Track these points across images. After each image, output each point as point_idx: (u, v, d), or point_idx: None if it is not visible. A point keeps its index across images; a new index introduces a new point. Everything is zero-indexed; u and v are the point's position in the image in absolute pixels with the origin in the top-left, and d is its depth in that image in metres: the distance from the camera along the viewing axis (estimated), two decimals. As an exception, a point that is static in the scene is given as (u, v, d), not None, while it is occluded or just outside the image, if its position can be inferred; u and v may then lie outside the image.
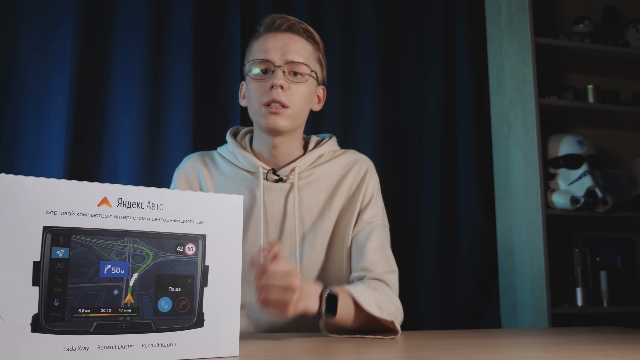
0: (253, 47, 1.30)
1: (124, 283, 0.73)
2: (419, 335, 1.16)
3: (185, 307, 0.77)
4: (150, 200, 0.76)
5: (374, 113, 2.26)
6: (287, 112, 1.24)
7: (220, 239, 0.81)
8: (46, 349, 0.67)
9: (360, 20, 2.30)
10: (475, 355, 0.85)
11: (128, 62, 1.99)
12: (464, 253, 2.31)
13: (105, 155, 1.96)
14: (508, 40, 2.35)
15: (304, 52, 1.28)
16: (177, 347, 0.75)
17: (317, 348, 0.92)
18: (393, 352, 0.88)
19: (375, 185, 1.35)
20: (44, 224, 0.69)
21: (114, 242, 0.73)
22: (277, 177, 1.30)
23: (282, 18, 1.28)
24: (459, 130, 2.38)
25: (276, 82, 1.22)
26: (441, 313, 2.26)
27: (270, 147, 1.30)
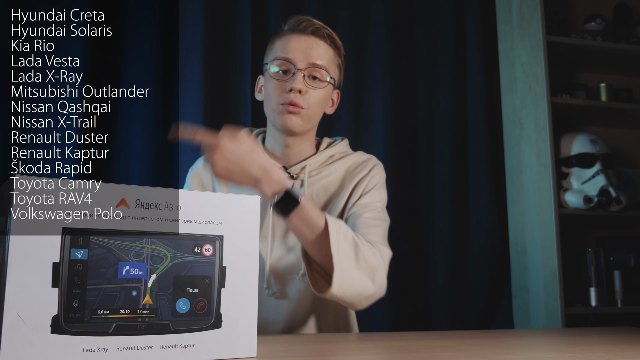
0: (275, 45, 1.31)
1: (143, 284, 0.73)
2: (433, 335, 1.16)
3: (203, 308, 0.77)
4: (168, 201, 0.75)
5: (385, 113, 2.25)
6: (303, 113, 1.26)
7: (237, 240, 0.80)
8: (66, 350, 0.67)
9: (371, 21, 2.30)
10: (494, 356, 0.85)
11: (139, 63, 1.99)
12: (475, 253, 2.30)
13: (116, 157, 1.96)
14: (519, 39, 2.34)
15: (326, 57, 1.29)
16: (195, 348, 0.75)
17: (334, 349, 0.92)
18: (409, 353, 0.87)
19: (380, 178, 1.35)
20: (62, 226, 0.69)
21: (132, 243, 0.73)
22: (288, 174, 1.31)
23: (307, 21, 1.30)
24: (470, 129, 2.38)
25: (295, 86, 1.24)
26: (453, 313, 2.25)
27: (282, 145, 1.32)
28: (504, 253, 2.36)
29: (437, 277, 2.25)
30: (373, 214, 1.26)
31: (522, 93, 2.32)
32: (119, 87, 1.98)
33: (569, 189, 2.24)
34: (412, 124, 2.33)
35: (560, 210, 2.16)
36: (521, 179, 2.31)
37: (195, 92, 2.03)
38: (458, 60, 2.41)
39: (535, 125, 2.23)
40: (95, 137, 1.91)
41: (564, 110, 2.33)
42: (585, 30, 2.46)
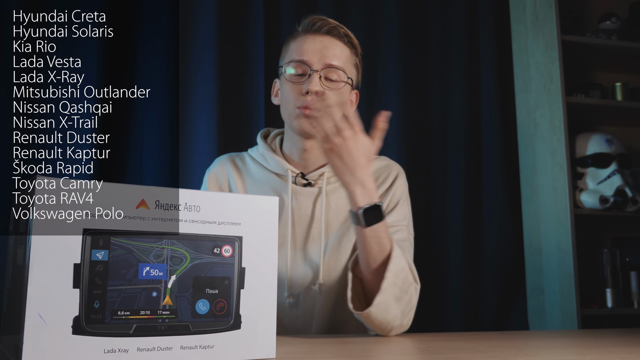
0: (290, 47, 1.28)
1: (163, 285, 0.73)
2: (451, 337, 1.15)
3: (222, 309, 0.77)
4: (187, 202, 0.75)
5: (398, 114, 2.25)
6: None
7: (256, 241, 0.80)
8: (87, 351, 0.68)
9: (383, 21, 2.29)
10: (514, 358, 0.84)
11: (152, 63, 2.00)
12: (489, 253, 2.29)
13: (130, 158, 1.97)
14: (534, 38, 2.33)
15: (342, 57, 1.25)
16: (215, 350, 0.75)
17: (354, 350, 0.92)
18: (429, 354, 0.87)
19: (403, 191, 1.33)
20: (83, 226, 0.69)
21: (152, 244, 0.73)
22: (306, 181, 1.29)
23: (322, 20, 1.26)
24: (484, 129, 2.36)
25: (312, 88, 1.20)
26: (467, 314, 2.24)
27: (301, 150, 1.29)
28: (518, 254, 2.35)
29: (451, 278, 2.24)
30: (399, 235, 1.24)
31: (536, 93, 2.30)
32: (132, 84, 2.00)
33: (585, 189, 2.22)
34: (425, 125, 2.32)
35: (576, 210, 2.15)
36: (536, 179, 2.29)
37: (209, 93, 2.03)
38: (471, 60, 2.40)
39: (550, 125, 2.22)
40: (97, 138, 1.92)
41: (579, 110, 2.31)
42: (600, 29, 2.44)
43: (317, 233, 1.26)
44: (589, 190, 2.21)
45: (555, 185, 2.18)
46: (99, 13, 1.76)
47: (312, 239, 1.26)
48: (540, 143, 2.27)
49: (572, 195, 2.15)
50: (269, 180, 1.31)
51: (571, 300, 2.07)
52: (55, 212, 0.68)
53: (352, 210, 1.09)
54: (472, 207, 2.31)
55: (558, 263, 2.14)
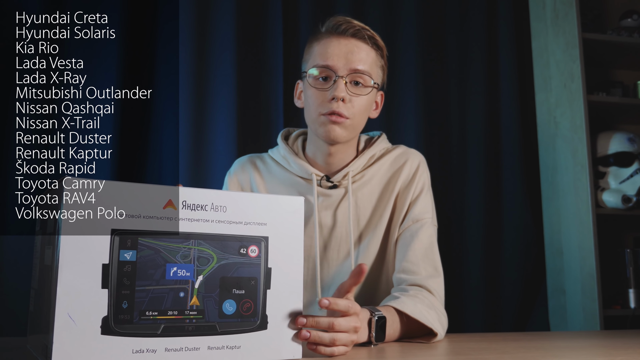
0: (314, 50, 1.24)
1: (190, 285, 0.73)
2: (475, 337, 1.14)
3: (249, 309, 0.77)
4: (214, 203, 0.75)
5: (417, 114, 2.23)
6: (347, 123, 1.20)
7: (282, 241, 0.80)
8: (116, 351, 0.68)
9: (402, 21, 2.28)
10: (542, 359, 0.83)
11: (172, 65, 2.00)
12: (509, 254, 2.27)
13: (150, 158, 1.98)
14: (554, 37, 2.30)
15: (368, 60, 1.22)
16: (242, 350, 0.75)
17: (379, 352, 0.91)
18: (457, 355, 0.86)
19: (425, 179, 1.32)
20: (111, 227, 0.69)
21: (180, 244, 0.73)
22: (331, 183, 1.28)
23: (347, 22, 1.21)
24: (503, 129, 2.35)
25: (337, 94, 1.17)
26: (487, 315, 2.22)
27: (325, 154, 1.26)
28: (538, 254, 2.32)
29: (470, 279, 2.22)
30: (423, 234, 1.23)
31: (557, 91, 2.28)
32: (152, 87, 2.00)
33: (607, 189, 2.20)
34: (444, 125, 2.30)
35: (598, 210, 2.12)
36: (556, 178, 2.27)
37: (228, 94, 2.03)
38: (490, 59, 2.38)
39: (571, 124, 2.20)
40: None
41: (600, 109, 2.28)
42: (621, 26, 2.41)
43: (344, 234, 1.25)
44: (611, 189, 2.18)
45: (576, 185, 2.16)
46: (101, 14, 1.76)
47: (341, 239, 1.26)
48: (561, 142, 2.25)
49: (594, 195, 2.12)
50: (292, 183, 1.29)
51: (593, 301, 2.04)
52: (84, 212, 0.68)
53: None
54: (492, 207, 2.29)
55: (580, 263, 2.12)
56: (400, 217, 1.25)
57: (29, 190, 1.73)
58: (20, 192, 1.74)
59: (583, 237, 2.11)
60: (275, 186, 1.30)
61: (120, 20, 1.94)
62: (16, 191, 0.85)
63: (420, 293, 1.13)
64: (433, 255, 1.23)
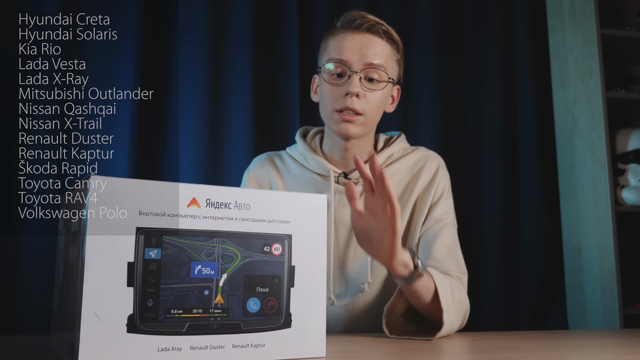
0: (329, 45, 1.25)
1: (214, 283, 0.73)
2: (497, 336, 1.13)
3: (273, 307, 0.76)
4: (238, 200, 0.75)
5: (433, 112, 2.22)
6: (361, 120, 1.20)
7: (305, 239, 0.80)
8: (141, 349, 0.68)
9: (418, 19, 2.27)
10: (568, 357, 0.82)
11: (188, 65, 2.01)
12: (527, 252, 2.26)
13: (167, 157, 1.98)
14: (572, 33, 2.28)
15: (383, 55, 1.22)
16: (266, 348, 0.75)
17: (403, 349, 0.90)
18: (480, 354, 0.85)
19: (446, 182, 1.32)
20: (136, 225, 0.69)
21: (204, 242, 0.73)
22: (348, 180, 1.27)
23: (361, 17, 1.22)
24: (520, 126, 2.33)
25: (352, 90, 1.18)
26: (504, 313, 2.21)
27: (342, 149, 1.27)
28: (556, 252, 2.31)
29: (488, 277, 2.21)
30: (445, 233, 1.23)
31: (574, 88, 2.26)
32: (169, 86, 2.01)
33: (626, 186, 2.17)
34: (461, 123, 2.29)
35: (617, 207, 2.10)
36: (575, 176, 2.25)
37: (244, 91, 2.03)
38: (507, 57, 2.36)
39: (590, 121, 2.17)
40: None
41: (619, 105, 2.26)
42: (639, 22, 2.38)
43: None
44: (631, 186, 2.16)
45: (595, 182, 2.14)
46: (104, 16, 1.77)
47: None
48: (579, 139, 2.23)
49: (613, 192, 2.10)
50: (310, 180, 1.30)
51: (613, 299, 2.02)
52: (109, 210, 0.68)
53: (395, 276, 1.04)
54: (509, 205, 2.27)
55: (599, 261, 2.10)
56: (420, 219, 1.26)
57: (32, 190, 1.73)
58: (24, 192, 1.75)
59: (602, 235, 2.09)
60: (293, 183, 1.30)
61: (136, 19, 1.95)
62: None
63: (449, 277, 1.14)
64: (456, 254, 1.23)
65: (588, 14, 2.20)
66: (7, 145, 1.81)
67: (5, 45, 1.84)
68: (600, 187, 2.11)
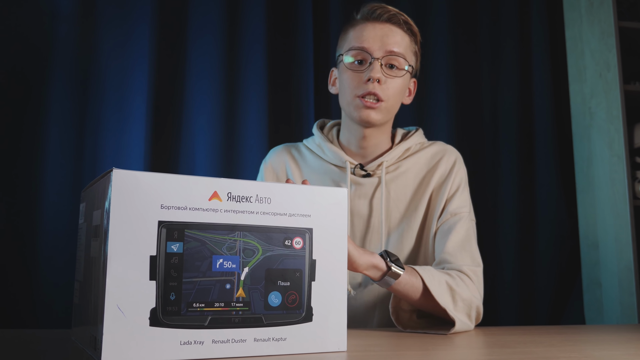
0: (349, 35, 1.26)
1: (236, 277, 0.73)
2: (517, 330, 1.13)
3: (294, 301, 0.76)
4: (259, 194, 0.75)
5: (449, 105, 2.21)
6: (382, 106, 1.22)
7: (326, 233, 0.79)
8: (164, 342, 0.68)
9: (433, 11, 2.26)
10: (591, 352, 0.81)
11: (203, 60, 2.01)
12: (543, 247, 2.24)
13: (183, 152, 1.98)
14: (589, 26, 2.26)
15: (403, 44, 1.24)
16: (288, 342, 0.75)
17: (423, 344, 0.90)
18: (503, 348, 0.85)
19: (462, 176, 1.31)
20: (158, 219, 0.69)
21: (225, 236, 0.72)
22: (365, 172, 1.28)
23: (381, 8, 1.24)
24: (536, 120, 2.31)
25: (373, 75, 1.19)
26: (520, 308, 2.20)
27: (359, 138, 1.27)
28: (573, 247, 2.29)
29: (504, 272, 2.20)
30: (460, 227, 1.22)
31: (592, 81, 2.24)
32: (184, 81, 2.01)
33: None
34: (476, 116, 2.27)
35: (636, 202, 2.08)
36: (592, 170, 2.23)
37: (259, 86, 2.03)
38: (523, 50, 2.34)
39: (607, 115, 2.15)
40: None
41: (636, 98, 2.23)
42: (658, 14, 2.36)
43: (377, 223, 1.25)
44: (649, 181, 2.14)
45: (612, 177, 2.12)
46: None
47: (373, 229, 1.26)
48: (596, 133, 2.21)
49: (631, 187, 2.08)
50: (327, 171, 1.30)
51: (631, 294, 2.01)
52: (131, 204, 0.68)
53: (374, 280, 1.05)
54: (526, 199, 2.26)
55: (616, 256, 2.08)
56: (436, 212, 1.25)
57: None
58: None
59: (620, 230, 2.07)
60: (310, 174, 1.31)
61: (151, 14, 1.95)
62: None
63: (457, 274, 1.13)
64: (471, 247, 1.22)
65: (606, 6, 2.17)
66: (27, 141, 1.82)
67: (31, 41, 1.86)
68: (618, 181, 2.09)
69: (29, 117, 1.84)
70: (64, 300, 1.77)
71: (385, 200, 1.26)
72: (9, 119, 1.81)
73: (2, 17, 1.83)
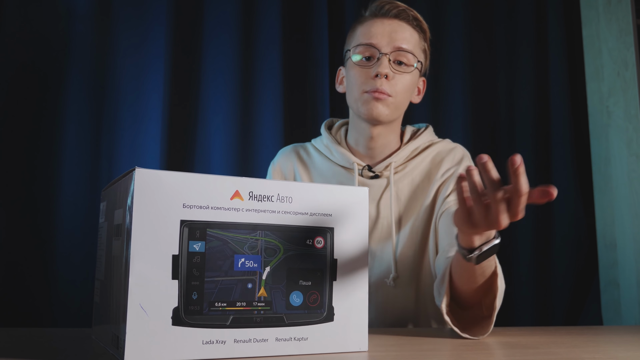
0: (357, 32, 1.25)
1: (257, 277, 0.72)
2: (538, 331, 1.12)
3: (315, 301, 0.76)
4: (280, 193, 0.75)
5: (464, 104, 2.20)
6: (390, 100, 1.20)
7: (347, 232, 0.79)
8: (186, 342, 0.68)
9: (448, 9, 2.24)
10: (615, 353, 0.80)
11: (218, 59, 2.01)
12: (560, 247, 2.22)
13: (198, 151, 1.99)
14: (606, 24, 2.24)
15: (412, 40, 1.22)
16: (309, 342, 0.74)
17: (445, 344, 0.89)
18: (526, 349, 0.84)
19: None
20: (181, 218, 0.69)
21: (247, 235, 0.72)
22: (373, 173, 1.27)
23: (390, 3, 1.23)
24: (553, 119, 2.29)
25: (381, 70, 1.17)
26: (537, 309, 2.18)
27: (367, 137, 1.26)
28: (590, 247, 2.27)
29: (520, 272, 2.18)
30: None
31: (609, 80, 2.22)
32: (200, 81, 2.01)
33: (663, 180, 2.13)
34: (492, 115, 2.26)
35: (654, 201, 2.06)
36: (609, 169, 2.21)
37: (274, 85, 2.03)
38: (539, 49, 2.32)
39: (625, 113, 2.13)
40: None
41: (655, 97, 2.21)
42: (676, 12, 2.33)
43: (386, 224, 1.24)
44: (668, 180, 2.12)
45: (631, 176, 2.10)
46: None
47: (382, 230, 1.24)
48: (614, 132, 2.19)
49: (650, 186, 2.06)
50: (334, 173, 1.29)
51: (650, 295, 1.99)
52: (153, 203, 0.68)
53: (462, 247, 0.90)
54: (542, 199, 2.24)
55: (635, 256, 2.06)
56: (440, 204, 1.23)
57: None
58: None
59: (638, 230, 2.05)
60: (319, 176, 1.30)
61: (166, 14, 1.95)
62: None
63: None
64: None
65: (623, 4, 2.15)
66: (44, 140, 1.83)
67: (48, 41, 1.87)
68: (636, 180, 2.07)
69: (47, 116, 1.85)
70: (80, 297, 1.78)
71: (395, 200, 1.24)
72: (27, 117, 1.82)
73: (20, 16, 1.84)
